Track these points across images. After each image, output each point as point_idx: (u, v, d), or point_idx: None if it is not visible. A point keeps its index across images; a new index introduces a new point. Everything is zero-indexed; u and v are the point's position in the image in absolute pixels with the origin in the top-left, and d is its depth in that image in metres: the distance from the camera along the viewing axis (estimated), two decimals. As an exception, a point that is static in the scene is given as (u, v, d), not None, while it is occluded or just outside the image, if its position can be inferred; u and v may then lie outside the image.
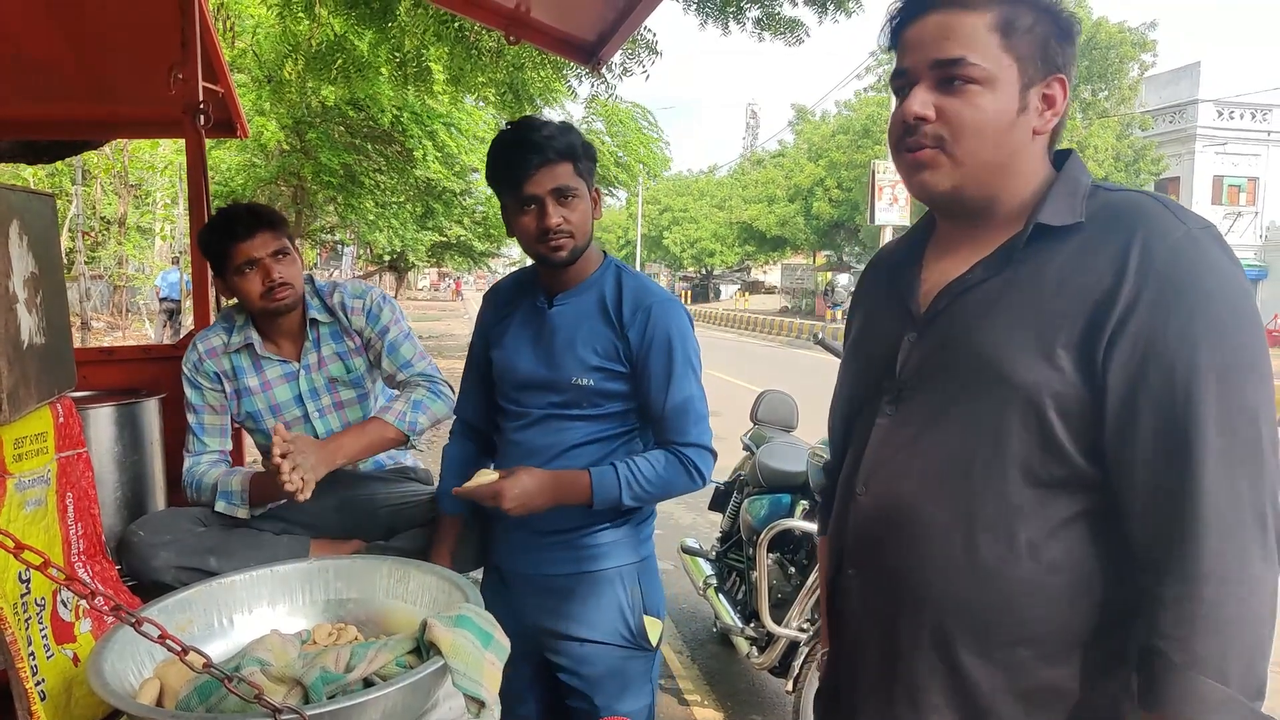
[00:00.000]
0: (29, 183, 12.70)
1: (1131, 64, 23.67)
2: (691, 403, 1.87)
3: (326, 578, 1.72)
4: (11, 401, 1.34)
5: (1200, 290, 1.03)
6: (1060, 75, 1.16)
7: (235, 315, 2.31)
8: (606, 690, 1.92)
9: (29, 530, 1.42)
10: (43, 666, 1.38)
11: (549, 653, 1.95)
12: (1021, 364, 1.09)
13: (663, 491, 1.86)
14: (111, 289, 20.18)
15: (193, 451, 2.26)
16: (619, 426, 1.90)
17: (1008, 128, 1.14)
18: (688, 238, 43.88)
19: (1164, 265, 1.04)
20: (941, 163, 1.15)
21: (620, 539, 1.94)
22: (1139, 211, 1.10)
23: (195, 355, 2.27)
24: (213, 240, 2.19)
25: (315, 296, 2.32)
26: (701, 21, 5.25)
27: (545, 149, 1.78)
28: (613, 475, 1.82)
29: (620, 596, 1.93)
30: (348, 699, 1.23)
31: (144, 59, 2.96)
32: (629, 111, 14.91)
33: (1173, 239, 1.05)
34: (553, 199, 1.79)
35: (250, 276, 2.16)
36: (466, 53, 5.35)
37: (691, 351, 1.89)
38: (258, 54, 8.93)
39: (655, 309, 1.86)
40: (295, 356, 2.30)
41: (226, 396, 2.28)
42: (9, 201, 1.39)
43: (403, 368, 2.28)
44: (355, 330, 2.30)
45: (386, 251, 20.85)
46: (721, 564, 4.18)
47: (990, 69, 1.12)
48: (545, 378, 1.90)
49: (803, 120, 35.19)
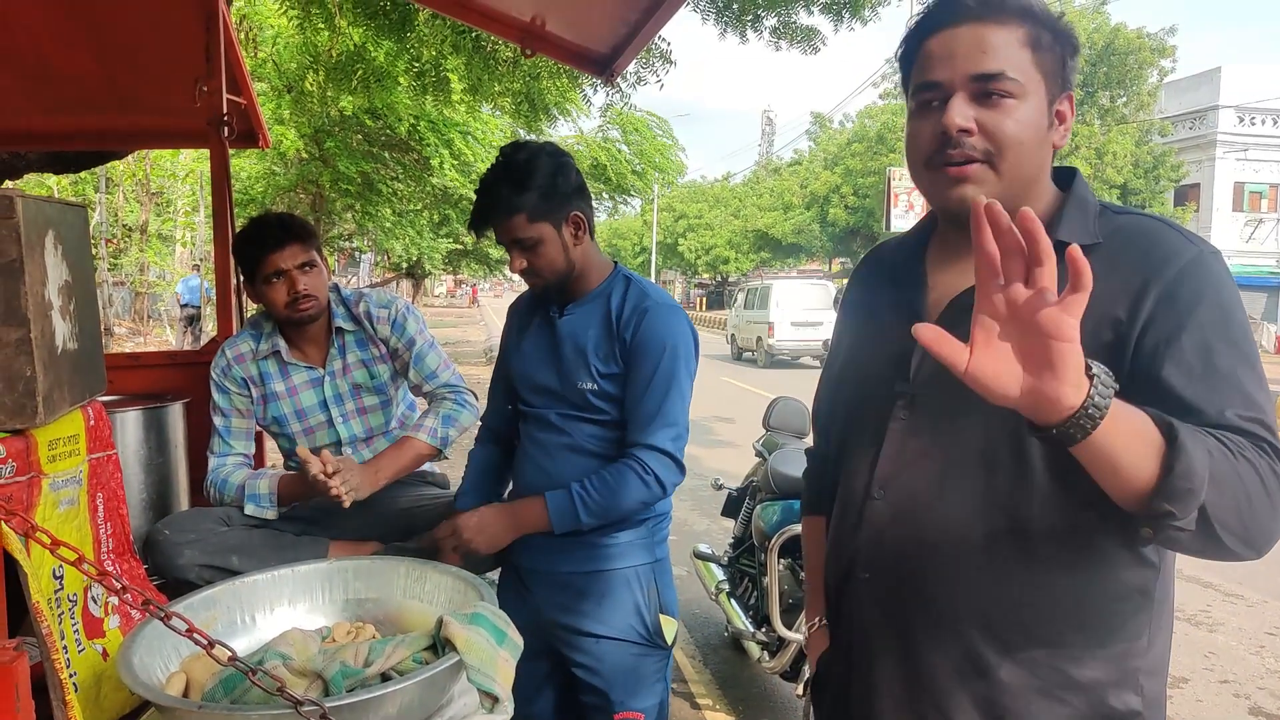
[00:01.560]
0: (54, 191, 12.89)
1: (1150, 70, 23.51)
2: (665, 407, 1.88)
3: (345, 577, 1.76)
4: (46, 404, 1.40)
5: (1212, 298, 1.10)
6: (1069, 92, 1.20)
7: (263, 322, 2.38)
8: (621, 686, 1.96)
9: (63, 529, 1.47)
10: (75, 660, 1.43)
11: (565, 648, 1.99)
12: None
13: (619, 504, 1.87)
14: (133, 295, 20.43)
15: (217, 453, 2.33)
16: (619, 431, 1.95)
17: (1042, 142, 1.17)
18: (702, 244, 43.90)
19: (1180, 280, 1.10)
20: (987, 177, 1.15)
21: (636, 540, 1.99)
22: (1153, 236, 1.15)
23: (224, 361, 2.34)
24: (244, 249, 2.28)
25: (341, 305, 2.38)
26: (720, 31, 5.30)
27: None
28: (566, 498, 1.87)
29: (637, 594, 1.97)
30: (366, 692, 1.28)
31: (169, 72, 3.03)
32: (644, 120, 14.97)
33: (1185, 259, 1.11)
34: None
35: (277, 286, 2.23)
36: (484, 63, 5.42)
37: (680, 359, 1.90)
38: (278, 64, 9.04)
39: (651, 312, 1.91)
40: (320, 363, 2.36)
41: (253, 401, 2.35)
42: (45, 213, 1.45)
43: (429, 378, 2.37)
44: (380, 339, 2.37)
45: (403, 259, 20.98)
46: (733, 569, 4.21)
47: (1025, 84, 1.13)
48: (555, 384, 1.98)
49: (821, 127, 35.14)
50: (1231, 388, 1.07)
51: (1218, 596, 5.35)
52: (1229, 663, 4.42)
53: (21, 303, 1.35)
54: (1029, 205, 1.18)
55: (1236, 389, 1.07)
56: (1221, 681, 4.22)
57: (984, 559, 1.17)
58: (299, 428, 2.36)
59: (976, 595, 1.18)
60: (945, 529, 1.19)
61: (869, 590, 1.29)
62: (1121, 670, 1.17)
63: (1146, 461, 0.96)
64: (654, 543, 2.03)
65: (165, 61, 3.06)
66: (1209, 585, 5.48)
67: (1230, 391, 1.06)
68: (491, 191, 1.88)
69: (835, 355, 1.49)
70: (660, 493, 1.89)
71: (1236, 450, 1.00)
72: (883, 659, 1.27)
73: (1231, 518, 0.98)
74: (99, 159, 5.15)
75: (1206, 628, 4.87)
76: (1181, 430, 0.97)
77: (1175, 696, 3.96)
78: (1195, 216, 25.99)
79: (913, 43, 1.22)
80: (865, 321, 1.41)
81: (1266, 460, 1.01)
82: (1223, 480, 0.98)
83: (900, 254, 1.39)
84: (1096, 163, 22.59)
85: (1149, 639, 1.19)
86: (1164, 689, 1.23)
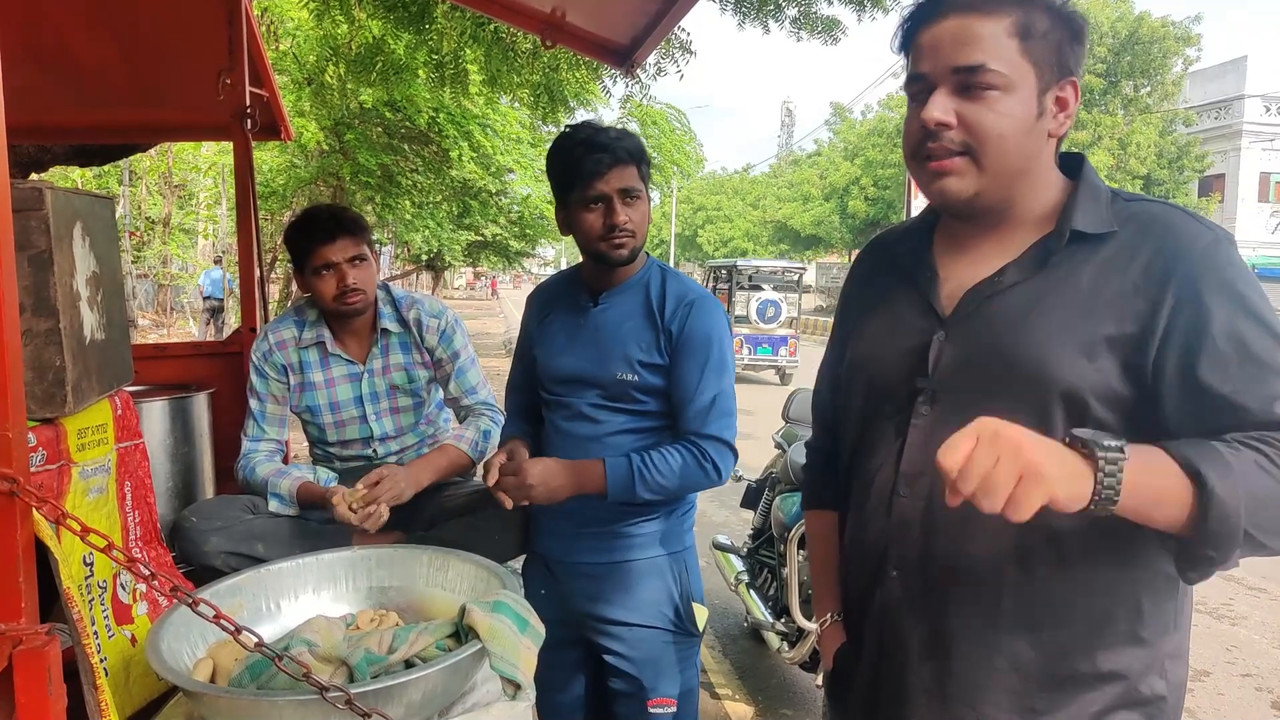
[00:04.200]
0: (78, 184, 13.00)
1: (1175, 59, 23.21)
2: (720, 398, 1.91)
3: (369, 565, 1.78)
4: (75, 394, 1.42)
5: (1235, 282, 1.09)
6: (1073, 78, 1.18)
7: (307, 310, 2.39)
8: (654, 673, 1.98)
9: (92, 517, 1.49)
10: (105, 645, 1.45)
11: (597, 636, 2.00)
12: (1065, 364, 1.12)
13: (677, 486, 1.88)
14: (156, 288, 20.60)
15: (250, 436, 2.35)
16: (656, 421, 1.96)
17: (1028, 133, 1.16)
18: (720, 236, 43.79)
19: (1199, 267, 1.09)
20: (969, 170, 1.16)
21: (665, 528, 2.00)
22: (1168, 222, 1.15)
23: (266, 345, 2.36)
24: (296, 239, 2.29)
25: (390, 305, 2.39)
26: (740, 21, 5.27)
27: (616, 149, 1.86)
28: (626, 467, 1.86)
29: (669, 582, 1.99)
30: (391, 679, 1.29)
31: (192, 65, 3.06)
32: (662, 113, 14.92)
33: (1202, 244, 1.11)
34: (620, 198, 1.87)
35: (326, 278, 2.25)
36: (503, 54, 5.41)
37: (726, 350, 1.95)
38: (298, 57, 9.07)
39: (697, 304, 1.94)
40: (362, 359, 2.38)
41: (289, 389, 2.37)
42: (73, 205, 1.46)
43: (468, 393, 2.41)
44: (426, 347, 2.39)
45: (423, 251, 21.01)
46: (753, 560, 4.22)
47: (1010, 75, 1.13)
48: (588, 373, 1.96)
49: (840, 118, 34.93)
50: (1273, 373, 1.07)
51: (1241, 590, 5.30)
52: (1251, 656, 4.39)
53: (51, 293, 1.36)
54: (1023, 194, 1.19)
55: (1277, 373, 1.07)
56: (1243, 675, 4.19)
57: (1016, 555, 1.17)
58: (331, 419, 2.38)
59: (1010, 592, 1.18)
60: (976, 526, 1.16)
61: (899, 588, 1.28)
62: (1151, 657, 1.18)
63: (1178, 510, 1.00)
64: (683, 530, 2.05)
65: (188, 55, 3.09)
66: (1231, 578, 5.43)
67: (1272, 378, 1.06)
68: (610, 134, 1.89)
69: (837, 349, 1.47)
70: (716, 480, 1.91)
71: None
72: (914, 658, 1.26)
73: (1276, 526, 1.00)
74: (123, 152, 5.19)
75: (1229, 621, 4.83)
76: (1210, 474, 0.98)
77: (1196, 689, 3.94)
78: (1220, 207, 25.66)
79: (908, 35, 1.22)
80: (874, 314, 1.38)
81: None
82: (1264, 496, 0.99)
83: (906, 245, 1.37)
84: (1120, 153, 22.36)
85: (1175, 623, 1.19)
86: (1186, 672, 1.24)
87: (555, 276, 2.20)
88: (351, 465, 2.44)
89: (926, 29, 1.18)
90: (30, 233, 1.34)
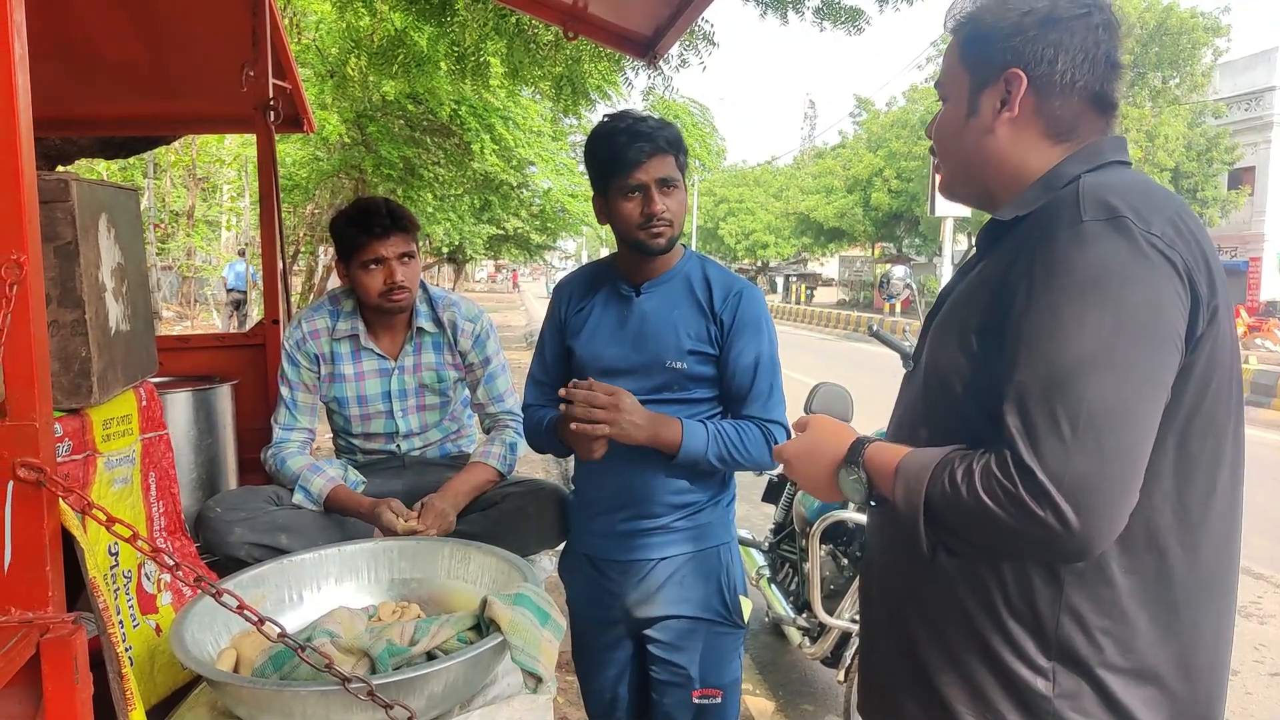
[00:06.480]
0: (103, 177, 13.13)
1: (1204, 50, 22.86)
2: (775, 384, 1.95)
3: (391, 558, 1.79)
4: (100, 384, 1.43)
5: (1066, 273, 1.03)
6: (1013, 69, 1.17)
7: (343, 300, 2.38)
8: (703, 664, 1.98)
9: (117, 506, 1.50)
10: (130, 634, 1.46)
11: (646, 629, 1.99)
12: (944, 356, 1.18)
13: (744, 457, 1.90)
14: (180, 280, 20.78)
15: (282, 424, 2.35)
16: (697, 409, 1.95)
17: (958, 132, 1.26)
18: (742, 229, 43.61)
19: (1049, 254, 1.04)
20: (943, 167, 1.32)
21: (715, 520, 2.00)
22: (1059, 205, 1.09)
23: (300, 334, 2.35)
24: (346, 230, 2.27)
25: (426, 304, 2.38)
26: (761, 12, 5.24)
27: (656, 138, 1.86)
28: (702, 430, 1.88)
29: (720, 573, 1.99)
30: (413, 670, 1.29)
31: (216, 58, 3.07)
32: (684, 106, 14.89)
33: (1065, 231, 1.05)
34: (658, 187, 1.86)
35: (374, 273, 2.24)
36: (525, 46, 5.41)
37: (775, 337, 1.98)
38: (320, 49, 9.11)
39: (746, 294, 1.95)
40: (394, 355, 2.38)
41: (319, 378, 2.37)
42: (98, 197, 1.47)
43: (495, 400, 2.42)
44: (460, 350, 2.39)
45: (445, 244, 21.10)
46: (774, 555, 4.20)
47: (949, 85, 1.27)
48: (635, 363, 1.94)
49: (865, 110, 34.66)
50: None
51: (1269, 588, 5.23)
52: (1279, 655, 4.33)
53: (77, 284, 1.37)
54: (992, 183, 1.25)
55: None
56: (1272, 674, 4.14)
57: (906, 551, 1.18)
58: (357, 412, 2.39)
59: (907, 577, 1.24)
60: (883, 523, 1.29)
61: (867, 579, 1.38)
62: (1013, 642, 1.13)
63: None
64: (727, 521, 2.05)
65: (212, 47, 3.10)
66: (1260, 577, 5.36)
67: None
68: (649, 123, 1.89)
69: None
70: (771, 464, 1.94)
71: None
72: (880, 639, 1.33)
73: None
74: (148, 144, 5.23)
75: (1257, 620, 4.77)
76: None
77: (1225, 689, 3.88)
78: (1250, 200, 25.26)
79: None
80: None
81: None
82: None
83: None
84: (1147, 145, 22.05)
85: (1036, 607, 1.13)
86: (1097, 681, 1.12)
87: (584, 268, 2.16)
88: (375, 458, 2.44)
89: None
90: (56, 224, 1.35)
